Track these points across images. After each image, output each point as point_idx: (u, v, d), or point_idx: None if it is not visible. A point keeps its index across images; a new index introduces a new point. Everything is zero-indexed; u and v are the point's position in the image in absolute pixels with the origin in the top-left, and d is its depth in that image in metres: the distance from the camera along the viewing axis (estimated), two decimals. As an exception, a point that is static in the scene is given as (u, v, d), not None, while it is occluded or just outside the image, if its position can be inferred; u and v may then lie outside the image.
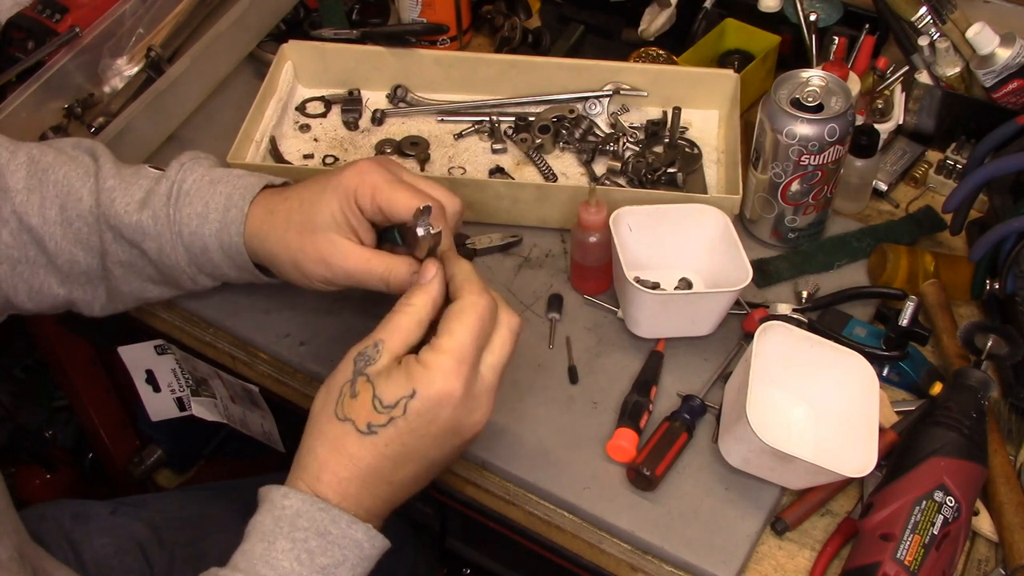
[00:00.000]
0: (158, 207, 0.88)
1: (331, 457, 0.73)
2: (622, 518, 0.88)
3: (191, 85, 1.22)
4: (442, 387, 0.71)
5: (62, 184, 0.90)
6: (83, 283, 0.93)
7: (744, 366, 0.87)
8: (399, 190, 0.83)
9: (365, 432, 0.72)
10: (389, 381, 0.72)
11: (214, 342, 1.06)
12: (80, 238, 0.90)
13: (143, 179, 0.90)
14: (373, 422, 0.72)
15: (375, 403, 0.72)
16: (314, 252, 0.85)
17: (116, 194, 0.89)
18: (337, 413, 0.73)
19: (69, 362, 1.54)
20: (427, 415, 0.72)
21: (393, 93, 1.24)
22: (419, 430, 0.72)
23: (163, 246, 0.89)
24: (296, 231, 0.85)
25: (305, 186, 0.88)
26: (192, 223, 0.88)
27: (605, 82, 1.20)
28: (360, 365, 0.73)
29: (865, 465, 0.83)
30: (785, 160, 1.00)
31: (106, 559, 1.11)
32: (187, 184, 0.89)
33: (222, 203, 0.88)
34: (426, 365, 0.72)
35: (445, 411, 0.72)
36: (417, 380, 0.71)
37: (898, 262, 1.02)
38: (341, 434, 0.73)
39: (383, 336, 0.74)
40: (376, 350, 0.73)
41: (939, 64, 1.15)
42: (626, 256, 0.96)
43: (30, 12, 1.22)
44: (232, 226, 0.87)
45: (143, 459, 1.71)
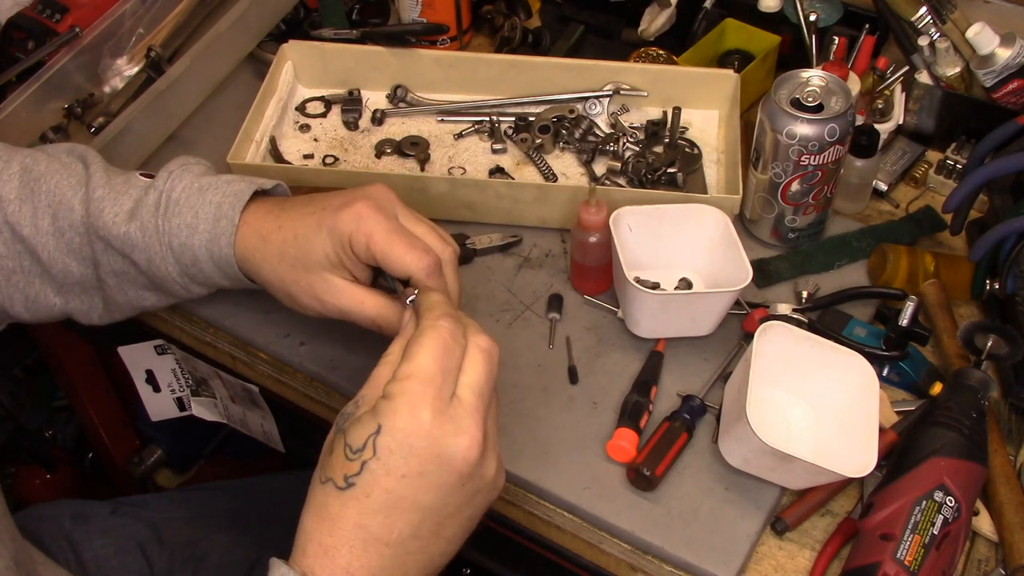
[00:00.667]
0: (146, 218, 0.86)
1: (315, 525, 0.66)
2: (622, 518, 0.88)
3: (191, 85, 1.22)
4: (407, 414, 0.65)
5: (54, 194, 0.88)
6: (79, 293, 0.93)
7: (744, 366, 0.87)
8: (395, 243, 0.79)
9: (344, 487, 0.65)
10: (356, 425, 0.66)
11: (214, 342, 1.06)
12: (73, 248, 0.89)
13: (132, 188, 0.88)
14: (348, 473, 0.65)
15: (346, 452, 0.66)
16: (308, 288, 0.83)
17: (105, 204, 0.87)
18: (320, 477, 0.68)
19: (69, 362, 1.54)
20: (400, 450, 0.64)
21: (393, 93, 1.24)
22: (397, 469, 0.65)
23: (152, 258, 0.87)
24: (290, 265, 0.84)
25: (300, 216, 0.84)
26: (182, 234, 0.86)
27: (605, 82, 1.20)
28: (340, 423, 0.68)
29: (865, 465, 0.83)
30: (785, 160, 1.00)
31: (106, 559, 1.11)
32: (176, 193, 0.87)
33: (211, 213, 0.86)
34: (389, 396, 0.66)
35: (418, 441, 0.65)
36: (381, 414, 0.65)
37: (898, 262, 1.02)
38: (323, 497, 0.66)
39: (364, 391, 0.70)
40: (355, 404, 0.69)
41: (939, 64, 1.15)
42: (626, 256, 0.96)
43: (30, 12, 1.22)
44: (222, 237, 0.86)
45: (143, 459, 1.71)
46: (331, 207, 0.82)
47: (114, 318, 0.96)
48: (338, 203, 0.82)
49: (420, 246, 0.80)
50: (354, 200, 0.81)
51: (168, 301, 0.95)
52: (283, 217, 0.85)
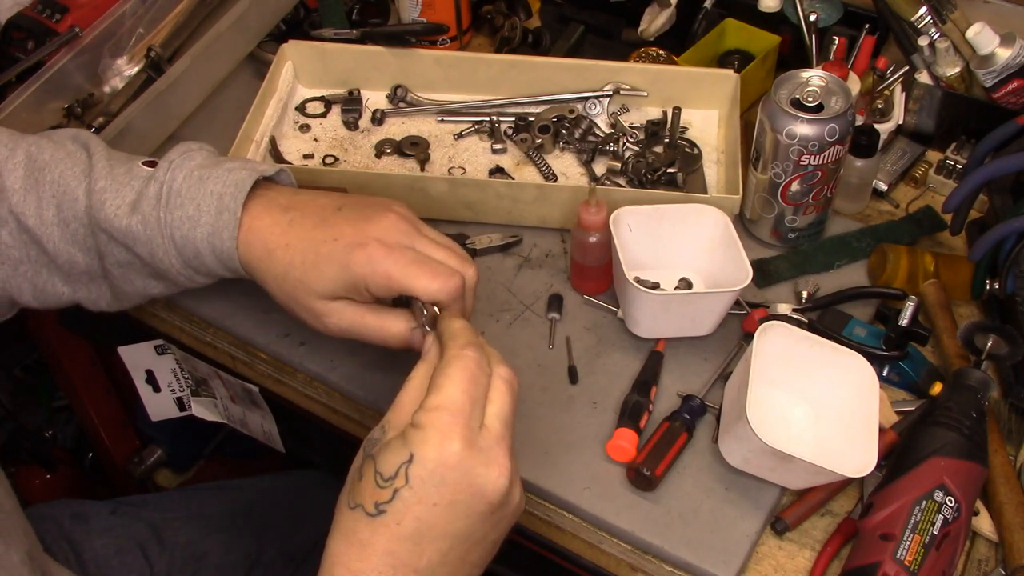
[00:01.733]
0: (147, 211, 0.85)
1: (344, 550, 0.67)
2: (622, 518, 0.88)
3: (191, 85, 1.22)
4: (438, 444, 0.65)
5: (58, 184, 0.88)
6: (86, 282, 0.92)
7: (744, 366, 0.87)
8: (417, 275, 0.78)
9: (374, 514, 0.66)
10: (387, 452, 0.67)
11: (214, 342, 1.06)
12: (78, 239, 0.88)
13: (134, 180, 0.87)
14: (379, 500, 0.66)
15: (376, 479, 0.66)
16: (309, 310, 0.83)
17: (107, 196, 0.86)
18: (348, 502, 0.68)
19: (69, 362, 1.54)
20: (432, 479, 0.65)
21: (393, 93, 1.24)
22: (429, 498, 0.66)
23: (155, 251, 0.86)
24: (292, 286, 0.82)
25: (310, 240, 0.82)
26: (183, 227, 0.85)
27: (605, 82, 1.20)
28: (368, 449, 0.69)
29: (865, 465, 0.83)
30: (785, 160, 1.00)
31: (106, 559, 1.11)
32: (177, 184, 0.85)
33: (213, 205, 0.84)
34: (419, 425, 0.66)
35: (450, 471, 0.66)
36: (412, 443, 0.66)
37: (898, 262, 1.02)
38: (352, 522, 0.67)
39: (389, 416, 0.70)
40: (382, 430, 0.69)
41: (939, 64, 1.15)
42: (626, 256, 0.96)
43: (30, 12, 1.22)
44: (224, 231, 0.84)
45: (143, 459, 1.71)
46: (344, 241, 0.80)
47: (123, 305, 0.95)
48: (351, 239, 0.80)
49: (444, 271, 0.79)
50: (368, 240, 0.79)
51: (176, 289, 0.93)
52: (291, 234, 0.83)
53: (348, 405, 1.00)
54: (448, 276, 0.78)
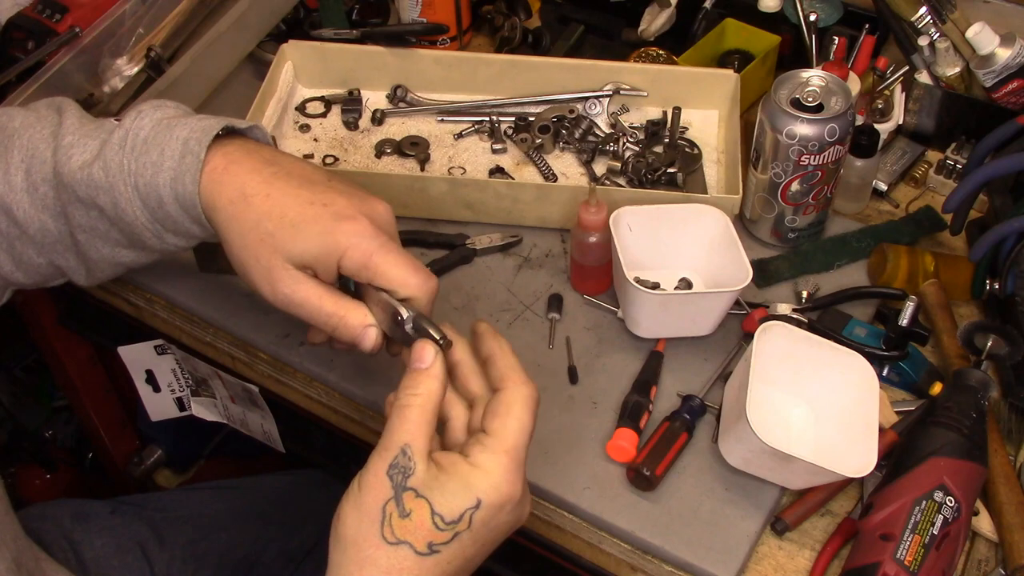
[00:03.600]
0: (109, 156, 0.79)
1: None
2: (622, 518, 0.88)
3: (191, 85, 1.22)
4: (508, 492, 0.67)
5: (27, 149, 0.83)
6: (61, 251, 0.87)
7: (744, 366, 0.87)
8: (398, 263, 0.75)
9: (427, 553, 0.65)
10: (447, 494, 0.66)
11: (214, 342, 1.06)
12: (47, 204, 0.83)
13: (102, 132, 0.82)
14: (435, 541, 0.65)
15: (435, 520, 0.65)
16: (266, 270, 0.76)
17: (73, 151, 0.81)
18: (386, 536, 0.65)
19: (69, 362, 1.54)
20: (490, 523, 0.67)
21: (393, 93, 1.24)
22: (480, 539, 0.67)
23: (117, 200, 0.80)
24: (259, 238, 0.76)
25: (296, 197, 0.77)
26: (147, 173, 0.79)
27: (605, 82, 1.20)
28: (398, 479, 0.66)
29: (865, 465, 0.83)
30: (785, 160, 1.00)
31: (106, 559, 1.11)
32: (144, 132, 0.80)
33: (178, 149, 0.78)
34: (486, 470, 0.67)
35: (505, 515, 0.68)
36: (479, 488, 0.66)
37: (898, 262, 1.02)
38: (398, 559, 0.65)
39: (407, 439, 0.67)
40: (408, 458, 0.66)
41: (939, 64, 1.15)
42: (626, 256, 0.96)
43: (30, 12, 1.22)
44: (187, 174, 0.77)
45: (143, 459, 1.71)
46: (333, 208, 0.76)
47: (99, 278, 0.90)
48: (342, 208, 0.76)
49: (424, 270, 0.76)
50: (359, 214, 0.76)
51: (148, 257, 0.88)
52: (274, 184, 0.77)
53: (348, 405, 1.00)
54: (428, 276, 0.76)
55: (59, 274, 0.91)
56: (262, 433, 1.19)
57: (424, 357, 0.70)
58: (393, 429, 0.68)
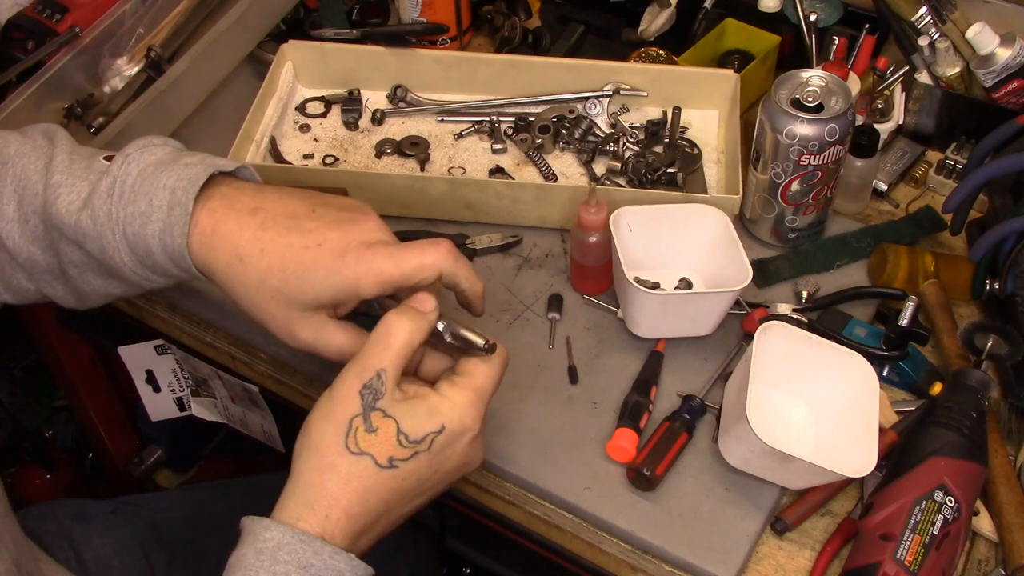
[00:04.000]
0: (98, 206, 0.79)
1: (344, 492, 0.70)
2: (622, 518, 0.88)
3: (191, 85, 1.22)
4: (468, 424, 0.73)
5: (20, 179, 0.83)
6: (50, 280, 0.87)
7: (744, 366, 0.87)
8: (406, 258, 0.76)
9: (386, 466, 0.70)
10: (414, 415, 0.72)
11: (214, 342, 1.06)
12: (37, 236, 0.84)
13: (91, 174, 0.82)
14: (395, 456, 0.71)
15: (400, 438, 0.71)
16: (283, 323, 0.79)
17: (61, 191, 0.81)
18: (349, 446, 0.70)
19: (69, 362, 1.54)
20: (447, 449, 0.73)
21: (393, 93, 1.24)
22: (436, 464, 0.73)
23: (105, 248, 0.80)
24: (269, 296, 0.77)
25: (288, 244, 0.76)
26: (135, 223, 0.79)
27: (605, 82, 1.20)
28: (368, 399, 0.71)
29: (865, 465, 0.83)
30: (785, 160, 1.00)
31: (106, 559, 1.11)
32: (131, 179, 0.80)
33: (166, 200, 0.78)
34: (452, 401, 0.73)
35: (461, 445, 0.73)
36: (444, 415, 0.72)
37: (898, 262, 1.02)
38: (357, 468, 0.70)
39: (384, 364, 0.72)
40: (380, 382, 0.72)
41: (939, 64, 1.15)
42: (626, 256, 0.96)
43: (30, 12, 1.22)
44: (175, 227, 0.78)
45: (143, 459, 1.71)
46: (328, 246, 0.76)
47: (88, 305, 0.91)
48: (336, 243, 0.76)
49: (426, 243, 0.78)
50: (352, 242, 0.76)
51: (137, 290, 0.88)
52: (264, 238, 0.77)
53: (348, 405, 1.00)
54: (432, 245, 0.77)
55: (46, 299, 0.91)
56: (262, 433, 1.19)
57: (426, 303, 0.76)
58: (373, 352, 0.72)
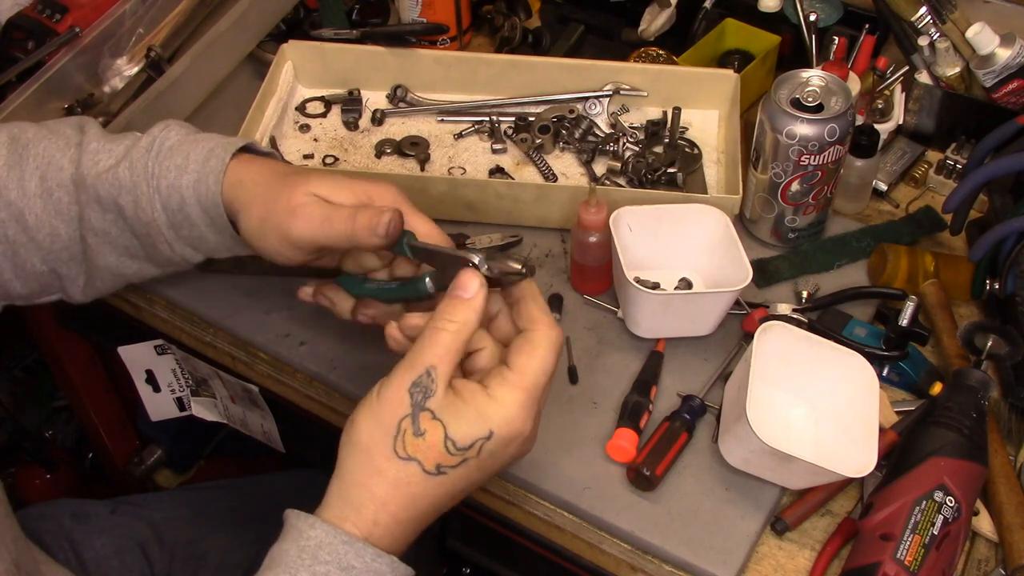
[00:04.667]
0: (136, 158, 0.85)
1: (392, 498, 0.68)
2: (622, 518, 0.88)
3: (191, 85, 1.22)
4: (519, 427, 0.69)
5: (42, 157, 0.87)
6: (65, 259, 0.90)
7: (744, 366, 0.87)
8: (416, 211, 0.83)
9: (434, 473, 0.68)
10: (461, 421, 0.68)
11: (214, 342, 1.06)
12: (60, 208, 0.87)
13: (128, 139, 0.88)
14: (443, 463, 0.68)
15: (447, 445, 0.68)
16: (290, 202, 0.79)
17: (100, 155, 0.86)
18: (397, 451, 0.68)
19: (69, 362, 1.54)
20: (497, 453, 0.70)
21: (393, 93, 1.24)
22: (485, 467, 0.70)
23: (139, 199, 0.84)
24: (287, 183, 0.81)
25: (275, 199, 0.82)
26: (170, 175, 0.84)
27: (605, 82, 1.20)
28: (418, 398, 0.68)
29: (865, 465, 0.83)
30: (785, 160, 1.00)
31: (106, 559, 1.11)
32: (171, 140, 0.86)
33: (203, 154, 0.84)
34: (502, 403, 0.69)
35: (512, 448, 0.70)
36: (493, 420, 0.68)
37: (898, 262, 1.02)
38: (406, 474, 0.68)
39: (433, 361, 0.69)
40: (431, 380, 0.68)
41: (939, 64, 1.15)
42: (626, 256, 0.96)
43: (30, 12, 1.22)
44: (211, 175, 0.82)
45: (143, 459, 1.71)
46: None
47: (98, 291, 0.93)
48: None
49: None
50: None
51: (151, 271, 0.92)
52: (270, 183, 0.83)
53: (348, 405, 1.00)
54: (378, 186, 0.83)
55: (56, 286, 0.93)
56: (262, 433, 1.19)
57: (467, 287, 0.71)
58: (423, 348, 0.69)
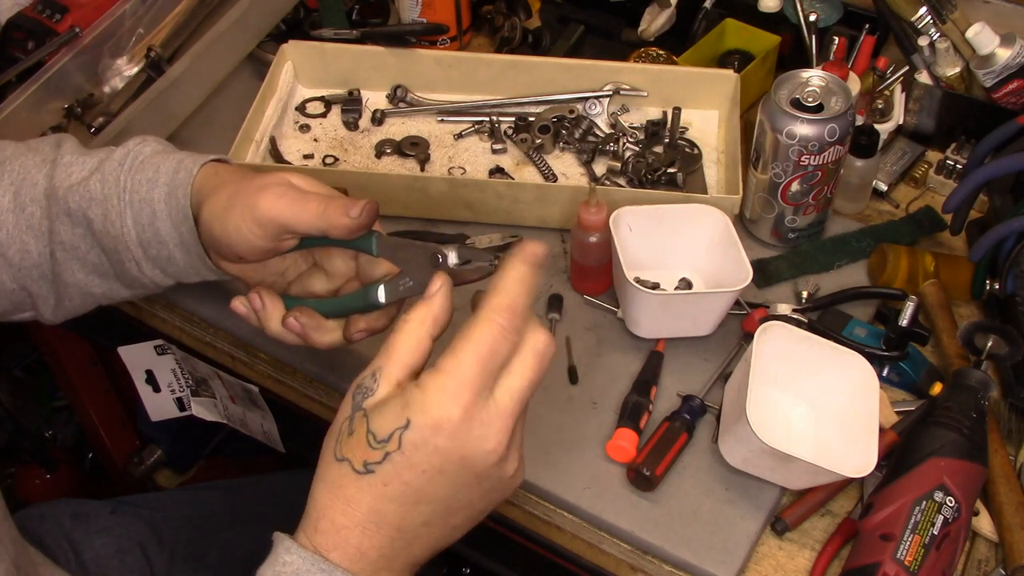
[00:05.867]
0: (108, 171, 0.86)
1: (330, 503, 0.66)
2: (622, 518, 0.88)
3: (191, 85, 1.22)
4: (438, 413, 0.63)
5: (18, 173, 0.88)
6: (36, 278, 0.90)
7: (744, 366, 0.87)
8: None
9: (362, 472, 0.65)
10: (383, 412, 0.64)
11: (214, 342, 1.06)
12: (32, 224, 0.88)
13: (102, 153, 0.89)
14: (369, 460, 0.64)
15: (368, 438, 0.64)
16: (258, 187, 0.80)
17: (73, 168, 0.87)
18: (336, 453, 0.66)
19: (69, 362, 1.54)
20: (424, 447, 0.63)
21: (393, 93, 1.24)
22: (419, 464, 0.64)
23: (108, 212, 0.85)
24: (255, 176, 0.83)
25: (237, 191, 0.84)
26: (142, 188, 0.85)
27: (605, 82, 1.20)
28: (358, 399, 0.66)
29: (865, 465, 0.83)
30: (785, 160, 1.00)
31: (106, 559, 1.11)
32: (143, 155, 0.87)
33: (172, 166, 0.85)
34: (424, 388, 0.63)
35: (444, 440, 0.63)
36: (412, 408, 0.63)
37: (898, 262, 1.02)
38: (339, 476, 0.66)
39: (381, 362, 0.67)
40: (374, 380, 0.66)
41: (939, 64, 1.15)
42: (626, 256, 0.96)
43: (30, 12, 1.22)
44: (180, 189, 0.84)
45: (143, 459, 1.71)
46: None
47: (66, 310, 0.93)
48: None
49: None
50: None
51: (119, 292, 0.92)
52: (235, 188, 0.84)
53: (348, 405, 1.00)
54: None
55: (28, 304, 0.93)
56: (262, 433, 1.19)
57: (430, 288, 0.70)
58: (379, 353, 0.68)
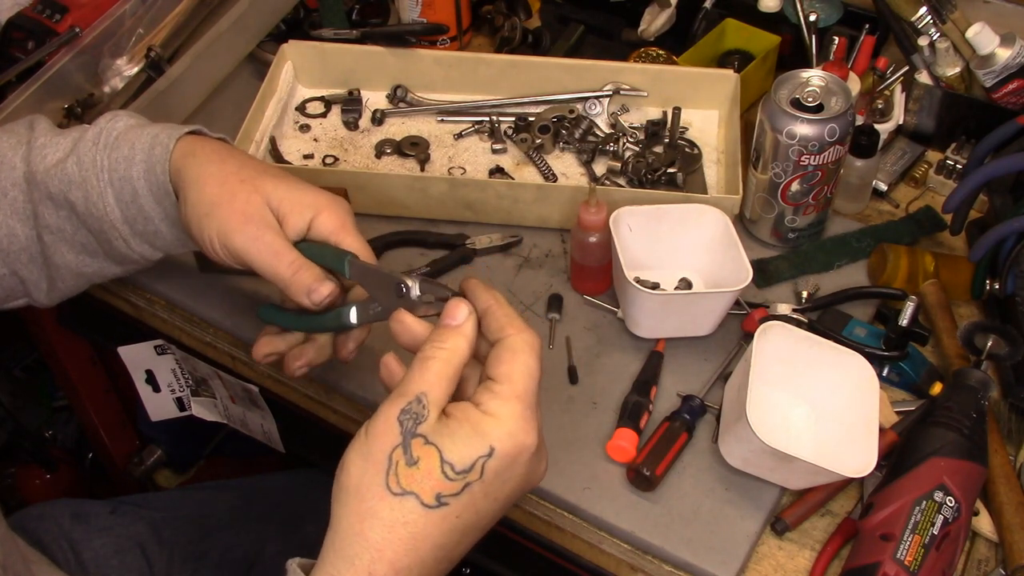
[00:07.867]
0: (83, 152, 0.84)
1: (389, 543, 0.61)
2: (622, 518, 0.88)
3: (191, 85, 1.22)
4: (523, 440, 0.63)
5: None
6: (25, 261, 0.90)
7: (744, 366, 0.87)
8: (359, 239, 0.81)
9: (433, 505, 0.61)
10: (458, 441, 0.62)
11: (214, 342, 1.06)
12: (16, 208, 0.87)
13: (75, 132, 0.87)
14: (443, 492, 0.61)
15: (445, 469, 0.61)
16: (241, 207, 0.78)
17: (47, 150, 0.86)
18: (391, 486, 0.61)
19: (69, 362, 1.54)
20: (504, 474, 0.63)
21: (393, 93, 1.24)
22: (493, 492, 0.63)
23: (89, 193, 0.83)
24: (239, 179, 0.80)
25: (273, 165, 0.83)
26: (120, 167, 0.83)
27: (605, 82, 1.20)
28: (409, 425, 0.62)
29: (865, 465, 0.83)
30: (785, 160, 1.00)
31: (106, 559, 1.11)
32: (116, 133, 0.85)
33: (147, 143, 0.83)
34: (498, 417, 0.62)
35: (520, 467, 0.63)
36: (492, 435, 0.62)
37: (898, 262, 1.02)
38: (402, 512, 0.61)
39: (424, 388, 0.64)
40: (422, 405, 0.63)
41: (939, 64, 1.15)
42: (626, 256, 0.96)
43: (30, 12, 1.22)
44: (158, 165, 0.82)
45: (143, 459, 1.71)
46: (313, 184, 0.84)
47: (60, 292, 0.92)
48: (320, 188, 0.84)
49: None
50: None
51: (110, 269, 0.91)
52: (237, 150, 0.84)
53: (348, 405, 1.00)
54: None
55: (20, 290, 0.92)
56: (262, 433, 1.19)
57: (456, 314, 0.68)
58: (411, 378, 0.65)
